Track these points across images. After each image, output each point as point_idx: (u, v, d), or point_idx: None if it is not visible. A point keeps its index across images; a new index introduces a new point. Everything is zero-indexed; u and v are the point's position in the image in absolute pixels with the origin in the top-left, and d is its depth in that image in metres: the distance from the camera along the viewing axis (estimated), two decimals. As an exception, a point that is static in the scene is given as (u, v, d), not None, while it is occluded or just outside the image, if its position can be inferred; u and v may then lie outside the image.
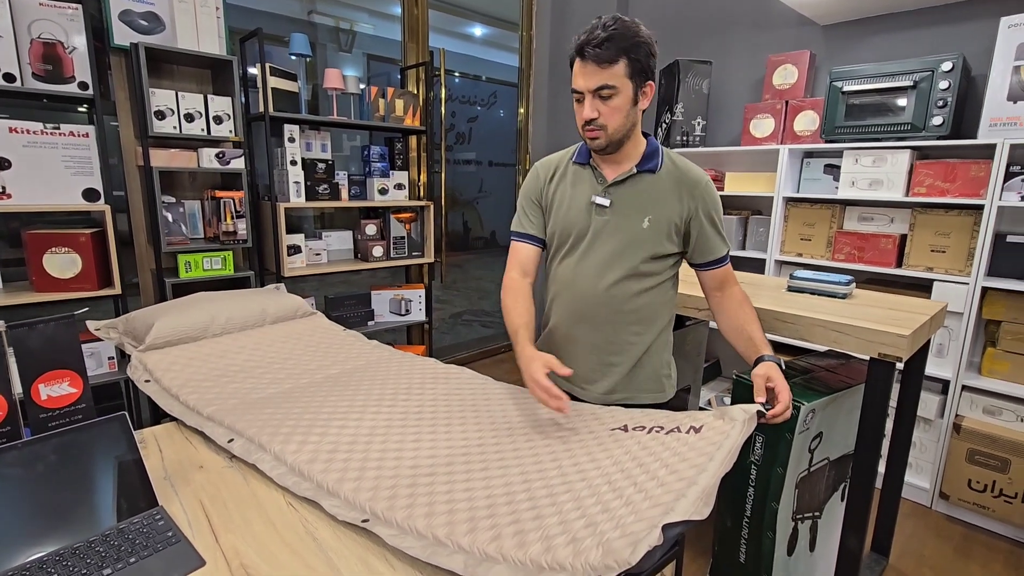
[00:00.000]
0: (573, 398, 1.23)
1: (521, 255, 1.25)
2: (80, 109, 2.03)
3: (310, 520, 0.82)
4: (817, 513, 1.56)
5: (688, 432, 0.87)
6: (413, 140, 2.98)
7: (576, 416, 1.07)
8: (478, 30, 3.88)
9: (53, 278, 1.81)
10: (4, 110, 1.89)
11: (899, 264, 2.19)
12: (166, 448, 1.03)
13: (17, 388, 0.85)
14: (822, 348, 1.70)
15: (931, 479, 2.15)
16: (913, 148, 2.11)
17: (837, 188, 2.32)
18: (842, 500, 1.64)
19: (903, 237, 2.19)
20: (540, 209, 1.26)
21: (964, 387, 2.04)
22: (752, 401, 1.04)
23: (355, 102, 2.60)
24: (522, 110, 3.79)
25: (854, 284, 1.60)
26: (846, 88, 2.19)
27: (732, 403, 1.46)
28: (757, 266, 2.57)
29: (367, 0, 3.11)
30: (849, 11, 2.33)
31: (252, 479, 0.93)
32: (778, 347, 2.53)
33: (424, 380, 1.27)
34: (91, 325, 1.44)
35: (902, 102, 2.08)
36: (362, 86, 2.59)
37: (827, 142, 2.31)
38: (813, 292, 1.61)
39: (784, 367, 1.19)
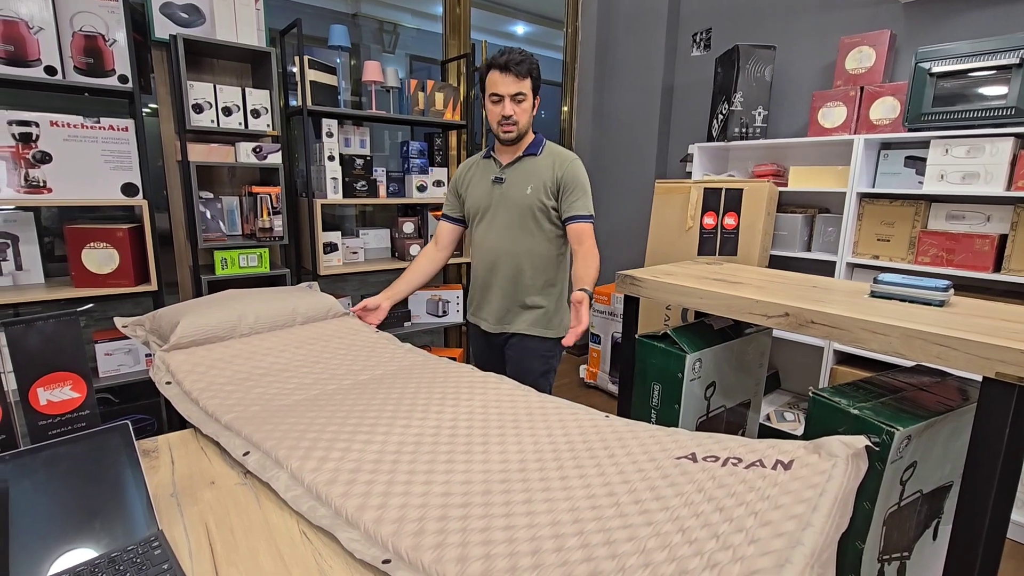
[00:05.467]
0: (484, 332, 1.70)
1: (441, 231, 1.75)
2: (121, 102, 2.02)
3: (324, 555, 0.71)
4: (906, 553, 1.35)
5: (775, 468, 0.71)
6: (453, 137, 2.88)
7: (631, 437, 0.93)
8: (520, 28, 3.76)
9: (91, 273, 1.80)
10: (46, 103, 1.88)
11: (997, 268, 1.93)
12: (179, 459, 0.94)
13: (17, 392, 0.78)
14: (908, 363, 1.48)
15: (1034, 515, 1.87)
16: (1018, 136, 1.85)
17: (922, 183, 2.07)
18: (934, 539, 1.42)
19: (1003, 237, 1.92)
20: (457, 197, 1.71)
21: (1078, 411, 1.77)
22: (836, 432, 0.86)
23: (395, 96, 2.52)
24: (565, 108, 3.64)
25: (952, 290, 1.39)
26: (935, 70, 1.94)
27: (807, 423, 1.28)
28: (826, 269, 2.34)
29: (410, 0, 3.04)
30: (937, -15, 2.08)
31: (265, 500, 0.83)
32: (853, 360, 2.29)
33: (459, 389, 1.15)
34: (118, 322, 1.39)
35: (1004, 84, 1.82)
36: (402, 77, 2.51)
37: (910, 131, 2.07)
38: (903, 299, 1.40)
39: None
